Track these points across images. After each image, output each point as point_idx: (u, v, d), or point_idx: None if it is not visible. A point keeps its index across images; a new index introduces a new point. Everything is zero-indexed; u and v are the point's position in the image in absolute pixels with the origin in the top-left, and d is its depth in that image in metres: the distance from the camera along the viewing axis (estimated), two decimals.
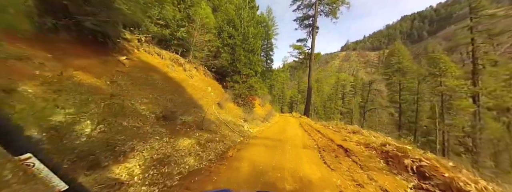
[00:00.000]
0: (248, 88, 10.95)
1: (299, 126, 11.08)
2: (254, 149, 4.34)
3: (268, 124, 11.53)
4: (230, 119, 7.29)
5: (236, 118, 8.08)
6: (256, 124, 9.74)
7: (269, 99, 28.20)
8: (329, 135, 7.05)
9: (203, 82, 9.60)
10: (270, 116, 15.57)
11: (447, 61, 25.06)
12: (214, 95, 8.61)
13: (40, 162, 0.42)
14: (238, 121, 7.79)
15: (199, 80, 9.24)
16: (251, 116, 9.87)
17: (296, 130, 9.02)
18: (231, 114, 8.15)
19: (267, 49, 33.96)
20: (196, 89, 7.70)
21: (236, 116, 8.39)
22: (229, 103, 9.81)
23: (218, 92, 9.96)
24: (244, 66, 10.67)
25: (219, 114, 6.88)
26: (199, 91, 7.82)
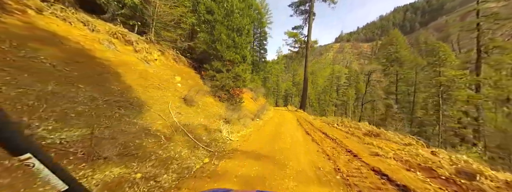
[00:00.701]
0: (234, 79, 8.42)
1: (297, 125, 8.83)
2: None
3: (260, 123, 9.19)
4: (200, 122, 4.84)
5: (212, 119, 5.62)
6: (243, 124, 7.35)
7: (263, 92, 25.80)
8: (344, 143, 4.79)
9: (170, 69, 6.95)
10: (263, 111, 13.23)
11: (447, 50, 23.39)
12: (182, 86, 6.06)
13: (40, 162, 0.41)
14: (214, 124, 5.34)
15: (161, 67, 6.59)
16: (237, 114, 7.45)
17: (295, 132, 6.74)
18: (205, 114, 5.67)
19: (261, 38, 30.95)
20: (149, 78, 5.09)
21: (212, 116, 5.92)
22: (207, 98, 7.30)
23: (192, 83, 7.38)
24: (228, 50, 8.05)
25: (179, 115, 4.38)
26: (155, 81, 5.22)
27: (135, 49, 5.90)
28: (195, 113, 5.21)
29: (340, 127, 7.83)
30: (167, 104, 4.40)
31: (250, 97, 17.40)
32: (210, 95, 7.77)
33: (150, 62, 6.06)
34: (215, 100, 7.75)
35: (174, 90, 5.59)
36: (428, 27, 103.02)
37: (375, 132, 5.80)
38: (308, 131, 6.82)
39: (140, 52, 6.02)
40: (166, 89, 5.27)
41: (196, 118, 4.92)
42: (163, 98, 4.63)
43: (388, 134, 5.62)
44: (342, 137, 5.72)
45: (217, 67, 8.08)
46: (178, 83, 6.26)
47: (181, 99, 5.31)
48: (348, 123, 8.44)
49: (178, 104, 4.92)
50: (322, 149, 4.22)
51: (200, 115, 5.38)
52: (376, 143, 4.66)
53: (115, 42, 5.36)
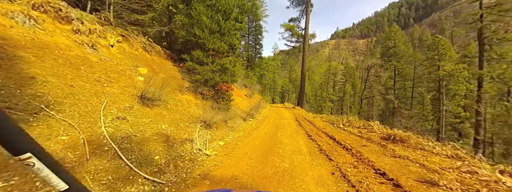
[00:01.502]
0: (220, 72, 6.83)
1: (297, 126, 7.38)
2: None
3: (252, 124, 7.68)
4: (159, 131, 3.27)
5: (184, 124, 4.06)
6: (231, 127, 5.83)
7: (258, 89, 24.25)
8: (366, 155, 3.32)
9: (133, 59, 5.29)
10: (257, 109, 11.73)
11: (446, 44, 22.30)
12: (146, 81, 4.44)
13: (40, 162, 0.40)
14: (185, 131, 3.78)
15: (119, 55, 4.92)
16: (222, 114, 5.91)
17: (295, 136, 5.26)
18: (173, 117, 4.09)
19: (256, 32, 29.16)
20: (85, 67, 3.45)
21: (185, 120, 4.35)
22: (185, 96, 5.70)
23: (164, 78, 5.75)
24: (211, 36, 6.43)
25: (120, 122, 2.80)
26: (96, 72, 3.59)
27: (76, 29, 4.21)
28: (155, 117, 3.63)
29: (348, 128, 6.41)
30: (102, 105, 2.80)
31: (244, 94, 15.84)
32: (190, 92, 6.17)
33: (98, 48, 4.39)
34: (196, 98, 6.16)
35: (128, 85, 3.96)
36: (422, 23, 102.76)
37: (399, 136, 4.39)
38: (311, 135, 5.36)
39: (83, 34, 4.34)
40: (114, 83, 3.65)
41: (154, 125, 3.35)
42: (100, 96, 3.03)
43: (417, 139, 4.22)
44: (358, 144, 4.27)
45: (198, 58, 6.44)
46: (139, 77, 4.62)
47: (136, 97, 3.71)
48: (357, 123, 7.04)
49: (127, 104, 3.33)
50: (338, 169, 2.75)
51: (164, 119, 3.80)
52: (410, 156, 3.24)
53: (39, 17, 3.67)
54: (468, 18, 19.79)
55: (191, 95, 6.08)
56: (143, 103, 3.73)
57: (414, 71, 26.52)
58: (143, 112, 3.51)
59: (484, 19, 16.96)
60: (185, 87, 6.05)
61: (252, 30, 28.99)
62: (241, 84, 17.41)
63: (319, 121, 9.10)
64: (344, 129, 6.41)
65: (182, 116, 4.41)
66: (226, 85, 6.86)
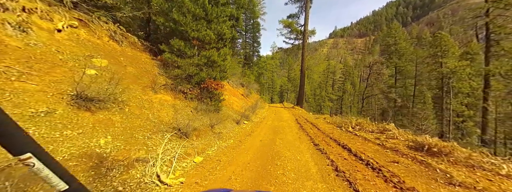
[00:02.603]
0: (207, 67, 5.64)
1: (299, 130, 6.19)
2: None
3: (247, 128, 6.49)
4: (91, 148, 2.08)
5: (136, 138, 2.85)
6: (217, 135, 4.64)
7: (256, 88, 23.07)
8: (408, 182, 2.17)
9: (90, 48, 4.06)
10: (254, 110, 10.55)
11: (449, 40, 21.28)
12: (102, 76, 3.24)
13: (40, 162, 0.40)
14: (136, 148, 2.58)
15: (67, 42, 3.70)
16: (206, 119, 4.73)
17: (298, 146, 4.06)
18: (123, 127, 2.87)
19: (254, 30, 27.98)
20: None
21: (143, 131, 3.14)
22: (159, 95, 4.49)
23: (134, 72, 4.55)
24: (194, 23, 5.22)
25: None
26: (3, 62, 2.37)
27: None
28: (94, 127, 2.43)
29: (361, 133, 5.26)
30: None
31: (241, 94, 14.66)
32: (167, 90, 4.96)
33: (32, 31, 3.18)
34: (175, 98, 4.96)
35: (61, 79, 2.76)
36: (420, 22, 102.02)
37: (438, 146, 3.24)
38: (317, 143, 4.19)
39: (11, 11, 3.12)
40: (35, 77, 2.45)
41: (85, 140, 2.15)
42: None
43: (466, 151, 3.06)
44: (385, 159, 3.11)
45: (179, 49, 5.23)
46: (90, 70, 3.41)
47: (67, 96, 2.51)
48: (369, 126, 5.87)
49: (42, 107, 2.13)
50: None
51: (111, 129, 2.60)
52: (475, 182, 2.10)
53: None
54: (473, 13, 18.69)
55: (169, 95, 4.88)
56: (78, 105, 2.52)
57: (416, 69, 25.52)
58: (73, 120, 2.31)
59: (491, 13, 15.83)
60: (162, 85, 4.84)
61: (249, 28, 27.78)
62: (238, 82, 16.22)
63: (323, 123, 7.94)
64: (355, 134, 5.25)
65: (144, 123, 3.21)
66: (214, 82, 5.65)
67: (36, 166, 0.40)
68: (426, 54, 24.87)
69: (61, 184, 0.43)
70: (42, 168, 0.40)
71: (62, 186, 0.43)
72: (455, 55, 21.40)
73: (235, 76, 15.59)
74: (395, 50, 26.55)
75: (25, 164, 0.39)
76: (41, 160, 0.40)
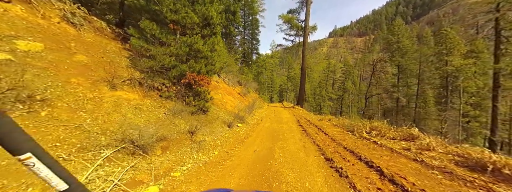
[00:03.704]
0: (189, 57, 4.49)
1: (302, 136, 5.07)
2: None
3: (240, 132, 5.37)
4: None
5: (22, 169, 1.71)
6: (197, 144, 3.50)
7: (255, 87, 21.92)
8: None
9: (15, 28, 2.92)
10: (251, 110, 9.43)
11: (455, 38, 20.22)
12: (26, 61, 2.12)
13: (40, 162, 0.40)
14: (26, 181, 1.44)
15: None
16: (182, 124, 3.60)
17: (304, 161, 2.91)
18: None
19: (252, 26, 26.79)
20: None
21: (60, 148, 1.99)
22: (118, 92, 3.35)
23: (84, 62, 3.41)
24: (171, 0, 4.04)
25: None
26: None
27: None
28: None
29: (381, 141, 4.15)
30: None
31: (237, 92, 13.52)
32: (134, 86, 3.82)
33: None
34: (145, 96, 3.82)
35: None
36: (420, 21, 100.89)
37: None
38: (331, 158, 3.07)
39: None
40: None
41: None
42: None
43: None
44: (443, 191, 2.01)
45: (153, 34, 4.08)
46: (4, 54, 2.27)
47: None
48: (387, 130, 4.74)
49: None
50: None
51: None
52: None
53: None
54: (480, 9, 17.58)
55: (136, 92, 3.73)
56: None
57: (419, 67, 24.49)
58: None
59: (501, 8, 14.62)
60: (126, 79, 3.69)
61: (248, 24, 26.59)
62: (235, 80, 15.08)
63: (329, 125, 6.82)
64: (375, 142, 4.13)
65: (70, 134, 2.07)
66: (199, 77, 4.50)
67: (36, 166, 0.39)
68: (430, 52, 23.91)
69: (61, 184, 0.42)
70: (42, 168, 0.40)
71: (62, 186, 0.42)
72: (460, 52, 20.39)
73: (231, 73, 14.45)
74: (398, 48, 25.51)
75: (25, 164, 0.38)
76: (41, 160, 0.40)
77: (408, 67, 25.04)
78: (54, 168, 0.42)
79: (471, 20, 20.80)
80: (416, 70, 24.71)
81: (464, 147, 3.33)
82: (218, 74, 12.21)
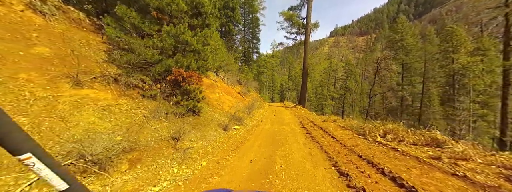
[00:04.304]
0: (176, 50, 3.88)
1: (306, 139, 4.41)
2: None
3: (237, 136, 4.74)
4: None
5: None
6: (182, 153, 2.88)
7: (255, 86, 21.29)
8: None
9: None
10: (251, 110, 8.81)
11: (461, 35, 19.42)
12: None
13: (40, 162, 0.40)
14: None
15: None
16: (164, 129, 2.99)
17: (313, 177, 2.31)
18: None
19: (253, 25, 26.16)
20: None
21: None
22: (85, 91, 2.77)
23: (47, 54, 2.82)
24: None
25: None
26: None
27: None
28: None
29: (402, 147, 3.50)
30: None
31: (237, 92, 12.91)
32: (110, 83, 3.22)
33: None
34: (122, 95, 3.22)
35: None
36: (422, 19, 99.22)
37: None
38: (346, 171, 2.41)
39: None
40: None
41: None
42: None
43: None
44: None
45: (132, 23, 3.48)
46: None
47: None
48: (408, 135, 4.07)
49: None
50: None
51: None
52: None
53: None
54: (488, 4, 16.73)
55: (110, 90, 3.13)
56: None
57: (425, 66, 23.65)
58: None
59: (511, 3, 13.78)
60: (98, 76, 3.09)
61: (248, 23, 25.97)
62: (234, 79, 14.47)
63: (335, 127, 6.16)
64: (395, 149, 3.47)
65: None
66: (188, 73, 3.88)
67: (36, 166, 0.39)
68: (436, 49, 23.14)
69: (61, 184, 0.42)
70: (42, 168, 0.40)
71: (62, 186, 0.42)
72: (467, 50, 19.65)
73: (231, 72, 13.84)
74: (401, 46, 24.72)
75: (25, 164, 0.38)
76: (41, 160, 0.39)
77: (412, 66, 24.28)
78: (54, 168, 0.41)
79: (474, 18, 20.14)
80: (420, 69, 23.93)
81: (509, 155, 2.66)
82: (216, 73, 11.61)
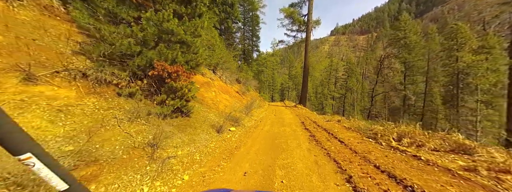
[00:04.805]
0: (160, 41, 3.34)
1: (310, 143, 3.85)
2: None
3: (232, 139, 4.19)
4: None
5: None
6: (160, 165, 2.34)
7: (255, 85, 20.73)
8: None
9: None
10: (249, 110, 8.27)
11: (467, 32, 18.78)
12: None
13: (40, 162, 0.40)
14: None
15: None
16: (139, 135, 2.46)
17: None
18: None
19: (252, 22, 25.52)
20: None
21: None
22: (38, 88, 2.23)
23: None
24: None
25: None
26: None
27: None
28: None
29: (422, 153, 2.96)
30: None
31: (235, 91, 12.36)
32: (78, 79, 2.68)
33: None
34: (91, 93, 2.67)
35: None
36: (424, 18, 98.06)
37: None
38: (365, 190, 1.92)
39: None
40: None
41: None
42: None
43: None
44: None
45: (107, 8, 2.92)
46: None
47: None
48: (428, 140, 3.52)
49: None
50: None
51: None
52: None
53: None
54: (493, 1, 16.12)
55: (76, 87, 2.59)
56: None
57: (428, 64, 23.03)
58: None
59: None
60: (62, 70, 2.54)
61: (248, 20, 25.34)
62: (233, 78, 13.91)
63: (340, 129, 5.61)
64: (415, 156, 2.93)
65: None
66: (173, 67, 3.33)
67: (36, 166, 0.39)
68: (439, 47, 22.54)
69: (61, 184, 0.42)
70: (42, 168, 0.39)
71: (62, 186, 0.42)
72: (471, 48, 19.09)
73: (229, 70, 13.27)
74: (404, 44, 24.09)
75: (25, 164, 0.38)
76: (41, 160, 0.39)
77: (415, 64, 23.71)
78: (54, 168, 0.40)
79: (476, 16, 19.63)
80: (423, 67, 23.35)
81: None
82: (214, 71, 11.06)
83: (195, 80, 6.47)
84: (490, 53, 18.38)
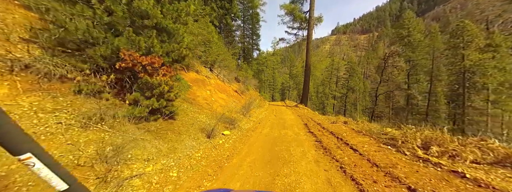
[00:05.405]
0: (134, 26, 2.68)
1: (317, 151, 3.16)
2: None
3: (224, 146, 3.49)
4: None
5: None
6: (115, 190, 1.71)
7: (254, 84, 20.04)
8: None
9: None
10: (248, 111, 7.59)
11: (473, 30, 18.00)
12: None
13: (40, 162, 0.39)
14: None
15: None
16: (91, 145, 1.80)
17: None
18: None
19: (252, 20, 24.80)
20: None
21: None
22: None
23: None
24: None
25: None
26: None
27: None
28: None
29: (467, 169, 2.31)
30: None
31: (234, 90, 11.70)
32: (20, 72, 2.02)
33: None
34: (32, 90, 2.02)
35: None
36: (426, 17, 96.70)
37: None
38: None
39: None
40: None
41: None
42: None
43: None
44: None
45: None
46: None
47: None
48: (465, 149, 2.86)
49: None
50: None
51: None
52: None
53: None
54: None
55: (13, 81, 1.93)
56: None
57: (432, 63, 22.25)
58: None
59: None
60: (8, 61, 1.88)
61: (248, 18, 24.61)
62: (231, 76, 13.24)
63: (349, 132, 4.93)
64: (455, 170, 2.26)
65: None
66: (147, 58, 2.66)
67: (36, 166, 0.38)
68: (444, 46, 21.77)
69: (61, 184, 0.41)
70: (42, 168, 0.39)
71: (62, 186, 0.41)
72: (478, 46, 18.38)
73: (227, 68, 12.60)
74: (408, 43, 23.33)
75: (25, 164, 0.37)
76: (41, 160, 0.39)
77: (419, 63, 22.96)
78: (54, 168, 0.40)
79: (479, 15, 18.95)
80: (428, 66, 22.60)
81: None
82: (211, 69, 10.39)
83: (187, 77, 5.80)
84: (497, 52, 17.69)
